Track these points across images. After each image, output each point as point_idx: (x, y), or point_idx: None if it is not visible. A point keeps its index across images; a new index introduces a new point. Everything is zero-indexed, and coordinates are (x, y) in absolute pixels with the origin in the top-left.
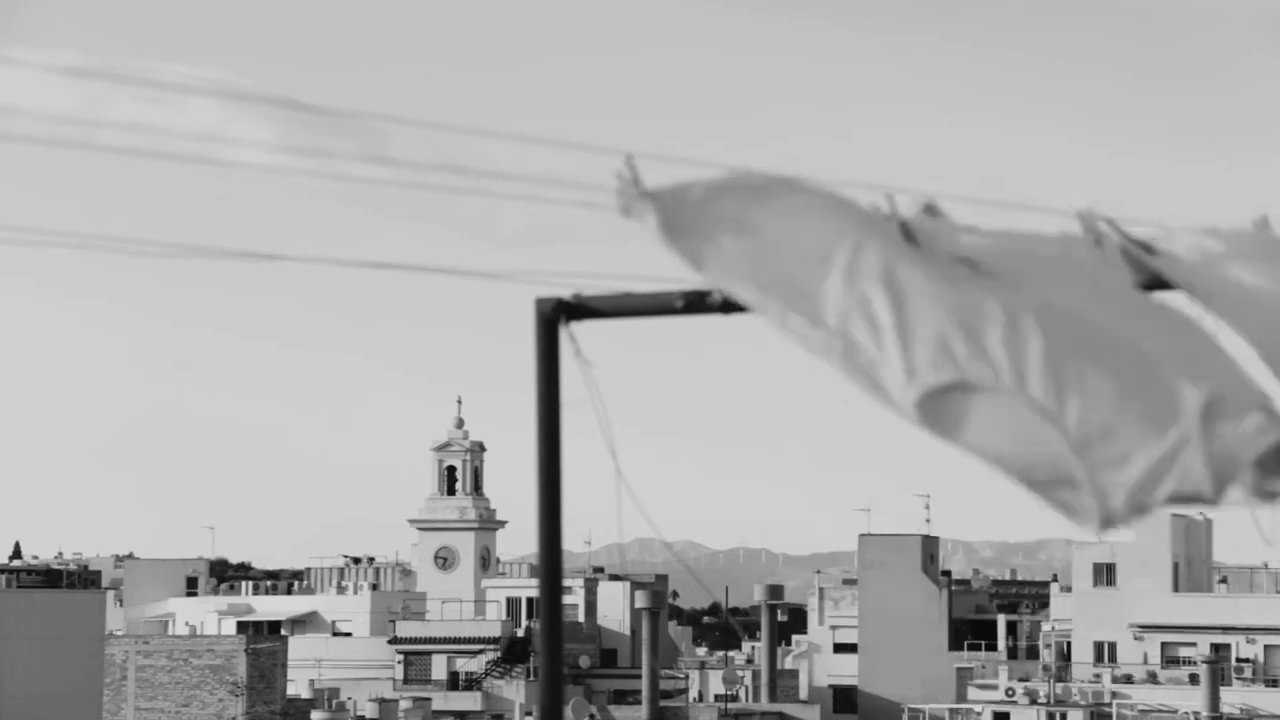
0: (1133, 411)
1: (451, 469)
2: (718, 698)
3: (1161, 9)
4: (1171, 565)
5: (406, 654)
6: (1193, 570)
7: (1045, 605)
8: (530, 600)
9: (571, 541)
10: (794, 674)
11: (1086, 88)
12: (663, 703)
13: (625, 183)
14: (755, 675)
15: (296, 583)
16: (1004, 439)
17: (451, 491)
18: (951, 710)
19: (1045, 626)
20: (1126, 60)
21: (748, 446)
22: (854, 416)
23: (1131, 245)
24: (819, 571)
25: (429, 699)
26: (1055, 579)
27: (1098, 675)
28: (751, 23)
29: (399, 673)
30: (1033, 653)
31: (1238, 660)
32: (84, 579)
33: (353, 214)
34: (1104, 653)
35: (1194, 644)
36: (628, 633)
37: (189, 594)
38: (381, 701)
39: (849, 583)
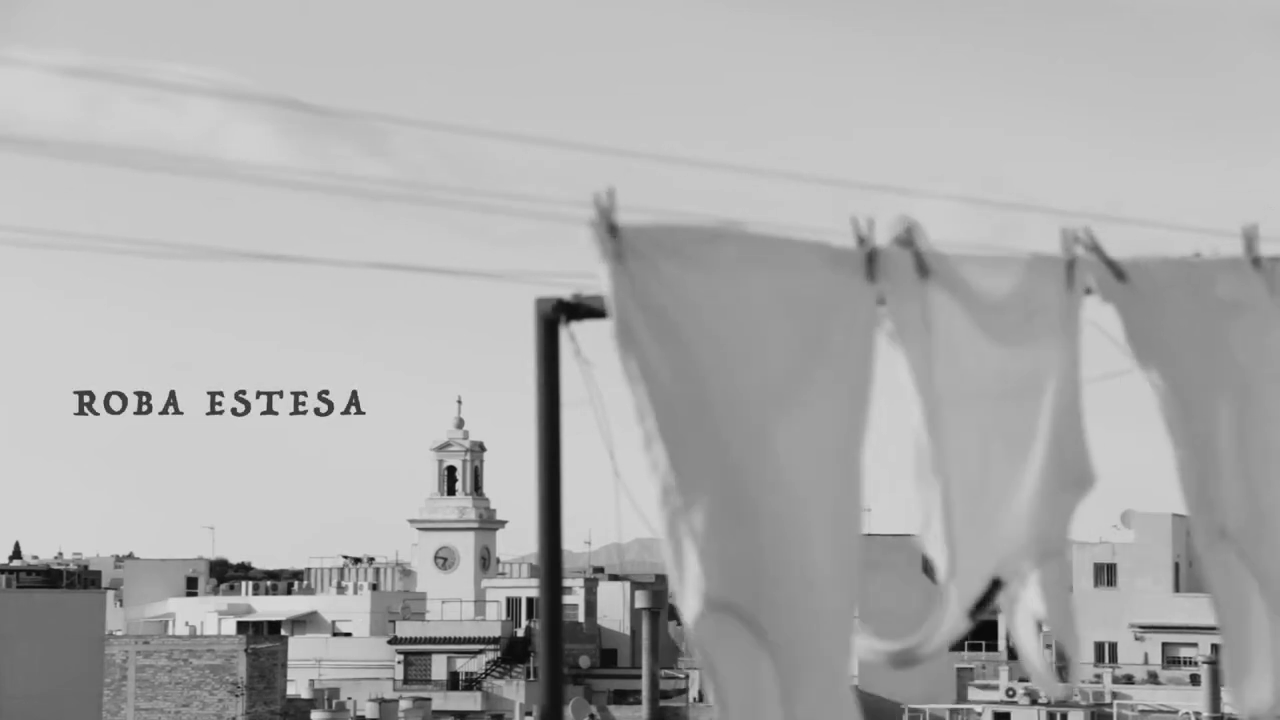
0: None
1: (451, 469)
2: None
3: (1161, 9)
4: (1172, 565)
5: (406, 654)
6: (1193, 570)
7: None
8: (530, 600)
9: (571, 541)
10: None
11: (1086, 88)
12: (663, 703)
13: (602, 211)
14: None
15: (296, 583)
16: (740, 675)
17: (451, 491)
18: (952, 710)
19: (1046, 627)
20: (1126, 60)
21: None
22: None
23: (1104, 267)
24: None
25: (429, 699)
26: None
27: (1098, 675)
28: (751, 23)
29: (399, 673)
30: None
31: None
32: (84, 579)
33: (353, 214)
34: (1104, 653)
35: (1195, 644)
36: (628, 633)
37: (189, 594)
38: (381, 702)
39: None
